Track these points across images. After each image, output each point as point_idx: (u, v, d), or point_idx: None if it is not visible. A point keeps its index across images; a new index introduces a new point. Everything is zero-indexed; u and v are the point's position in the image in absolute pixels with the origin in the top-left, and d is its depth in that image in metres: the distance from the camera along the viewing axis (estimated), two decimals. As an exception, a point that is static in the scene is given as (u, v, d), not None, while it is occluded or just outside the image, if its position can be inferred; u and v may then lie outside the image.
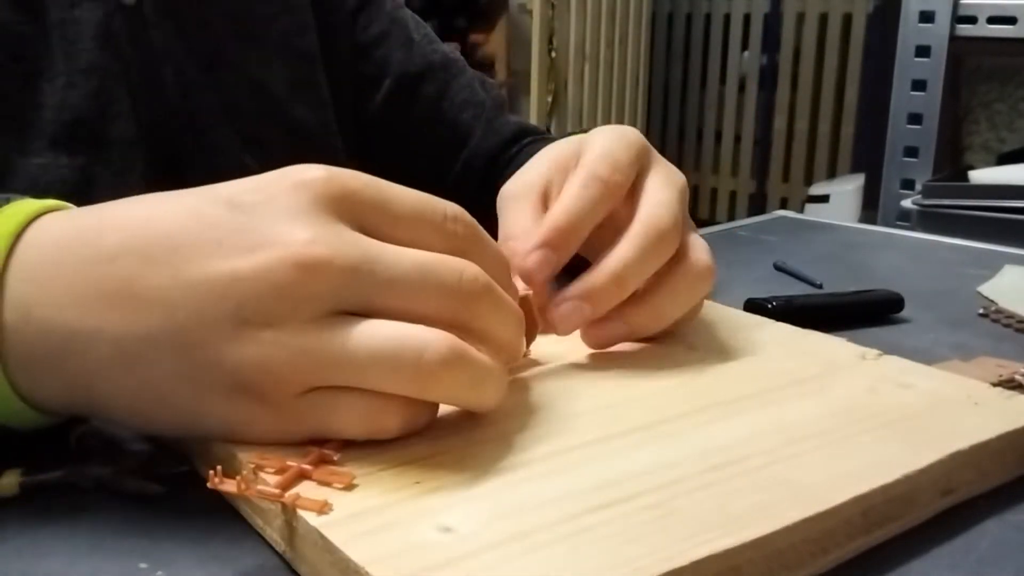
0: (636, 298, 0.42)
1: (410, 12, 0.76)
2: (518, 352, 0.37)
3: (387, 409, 0.32)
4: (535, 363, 0.42)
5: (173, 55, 0.59)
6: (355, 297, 0.31)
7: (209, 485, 0.31)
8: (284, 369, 0.31)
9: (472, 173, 0.72)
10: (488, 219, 0.41)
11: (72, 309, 0.32)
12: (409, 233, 0.33)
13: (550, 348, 0.43)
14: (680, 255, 0.42)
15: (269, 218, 0.31)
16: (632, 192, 0.43)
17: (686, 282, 0.43)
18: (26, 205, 0.34)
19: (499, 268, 0.36)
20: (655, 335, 0.44)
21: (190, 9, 0.60)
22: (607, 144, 0.43)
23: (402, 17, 0.74)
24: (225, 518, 0.33)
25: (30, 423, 0.34)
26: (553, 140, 0.73)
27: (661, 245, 0.41)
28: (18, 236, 0.33)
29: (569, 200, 0.41)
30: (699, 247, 0.43)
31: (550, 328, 0.41)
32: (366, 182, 0.33)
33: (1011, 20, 1.30)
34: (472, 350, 0.32)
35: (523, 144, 0.72)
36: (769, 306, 0.54)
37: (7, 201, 0.35)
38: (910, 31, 1.36)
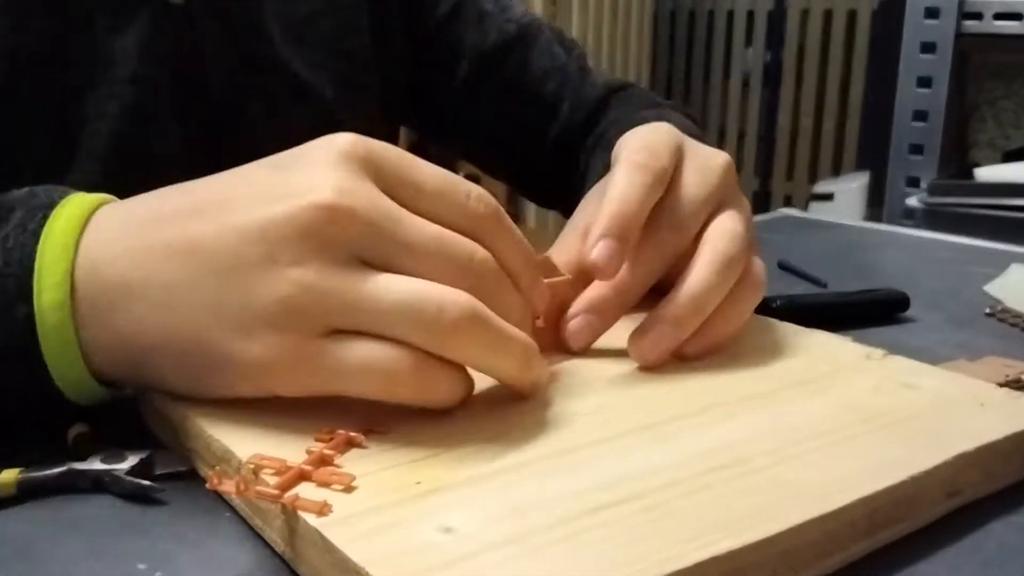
0: None
1: None
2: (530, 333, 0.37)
3: (402, 366, 0.33)
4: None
5: (220, 57, 0.58)
6: (376, 250, 0.33)
7: (208, 486, 0.31)
8: (309, 306, 0.33)
9: (564, 151, 0.71)
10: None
11: (127, 262, 0.35)
12: (431, 206, 0.35)
13: (550, 350, 0.43)
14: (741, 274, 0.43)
15: (302, 171, 0.34)
16: (702, 229, 0.43)
17: (740, 296, 0.43)
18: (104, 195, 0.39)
19: (517, 253, 0.37)
20: (704, 355, 0.43)
21: (238, 8, 0.59)
22: (640, 137, 0.44)
23: None
24: (224, 519, 0.33)
25: (87, 393, 0.37)
26: (637, 94, 0.72)
27: (731, 268, 0.42)
28: (95, 210, 0.37)
29: (618, 190, 0.41)
30: (756, 267, 0.44)
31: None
32: (396, 152, 0.35)
33: (1017, 16, 1.29)
34: (494, 316, 0.34)
35: (609, 120, 0.70)
36: (773, 305, 0.53)
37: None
38: (916, 27, 1.35)
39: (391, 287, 0.33)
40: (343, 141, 0.35)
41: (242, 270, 0.33)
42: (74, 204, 0.37)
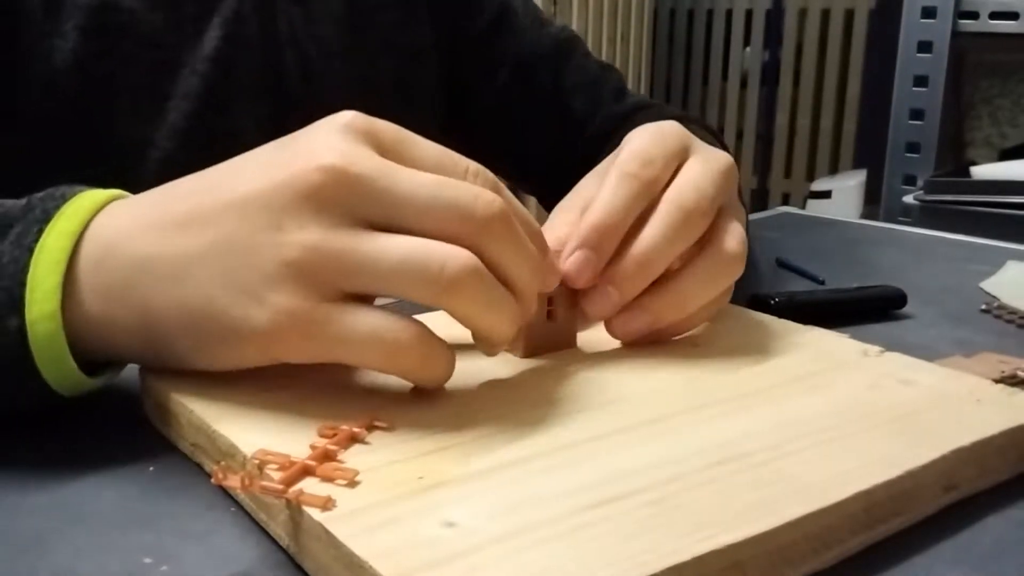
0: (658, 284, 0.42)
1: None
2: (531, 299, 0.37)
3: (406, 335, 0.34)
4: (537, 362, 0.42)
5: (297, 41, 0.60)
6: (376, 208, 0.34)
7: (213, 481, 0.31)
8: (315, 269, 0.33)
9: (589, 165, 0.72)
10: None
11: (142, 240, 0.36)
12: (428, 169, 0.35)
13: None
14: (709, 239, 0.42)
15: (304, 142, 0.35)
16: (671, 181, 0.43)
17: (709, 267, 0.42)
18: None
19: (522, 223, 0.37)
20: (681, 329, 0.43)
21: None
22: (640, 142, 0.43)
23: (511, 2, 0.73)
24: (229, 513, 0.33)
25: (81, 389, 0.37)
26: (661, 108, 0.73)
27: (686, 226, 0.41)
28: (102, 207, 0.38)
29: (602, 200, 0.41)
30: (732, 233, 0.42)
31: (582, 315, 0.41)
32: (396, 128, 0.36)
33: (1013, 16, 1.30)
34: (490, 275, 0.34)
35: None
36: (771, 302, 0.54)
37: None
38: (912, 27, 1.36)
39: (394, 246, 0.33)
40: (345, 115, 0.36)
41: (248, 238, 0.34)
42: (72, 211, 0.37)
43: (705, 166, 0.43)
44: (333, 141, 0.34)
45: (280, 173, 0.34)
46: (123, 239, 0.36)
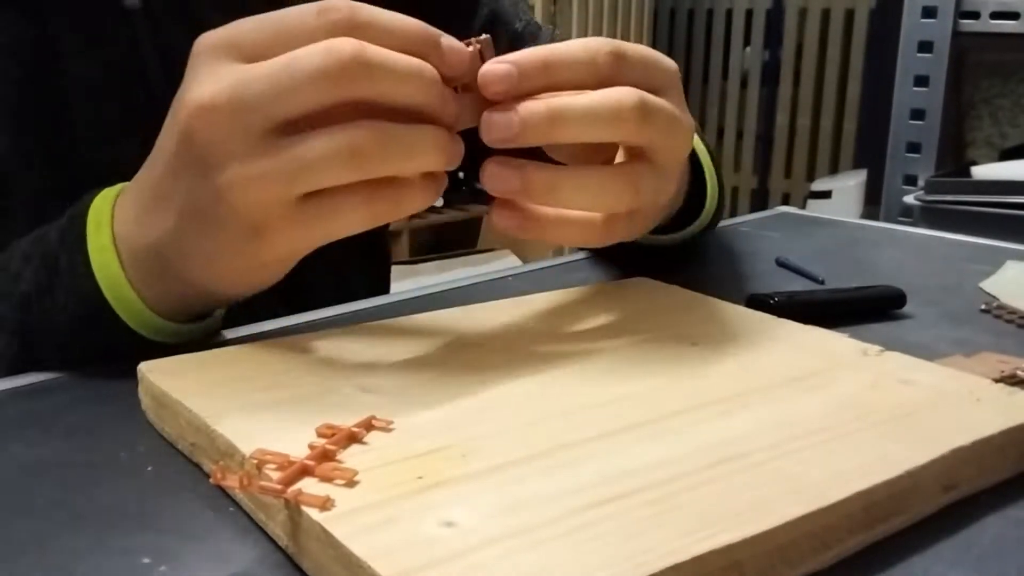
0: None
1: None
2: (435, 92, 0.38)
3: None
4: (536, 361, 0.42)
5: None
6: (263, 112, 0.36)
7: (212, 481, 0.31)
8: (261, 191, 0.37)
9: None
10: None
11: (146, 234, 0.42)
12: (285, 46, 0.37)
13: (551, 345, 0.43)
14: (633, 155, 0.42)
15: (182, 90, 0.39)
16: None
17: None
18: None
19: (394, 27, 0.38)
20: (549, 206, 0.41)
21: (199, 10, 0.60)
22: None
23: (501, 15, 0.73)
24: (228, 513, 0.33)
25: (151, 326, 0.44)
26: None
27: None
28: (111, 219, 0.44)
29: (555, 45, 0.40)
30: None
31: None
32: (248, 22, 0.39)
33: (1014, 15, 1.30)
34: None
35: None
36: (771, 302, 0.54)
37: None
38: (913, 26, 1.36)
39: (308, 143, 0.36)
40: (199, 42, 0.39)
41: (191, 205, 0.39)
42: (95, 244, 0.43)
43: (673, 112, 0.41)
44: (195, 85, 0.38)
45: (174, 128, 0.38)
46: (134, 237, 0.42)
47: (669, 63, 0.44)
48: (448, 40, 0.39)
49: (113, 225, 0.43)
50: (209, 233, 0.40)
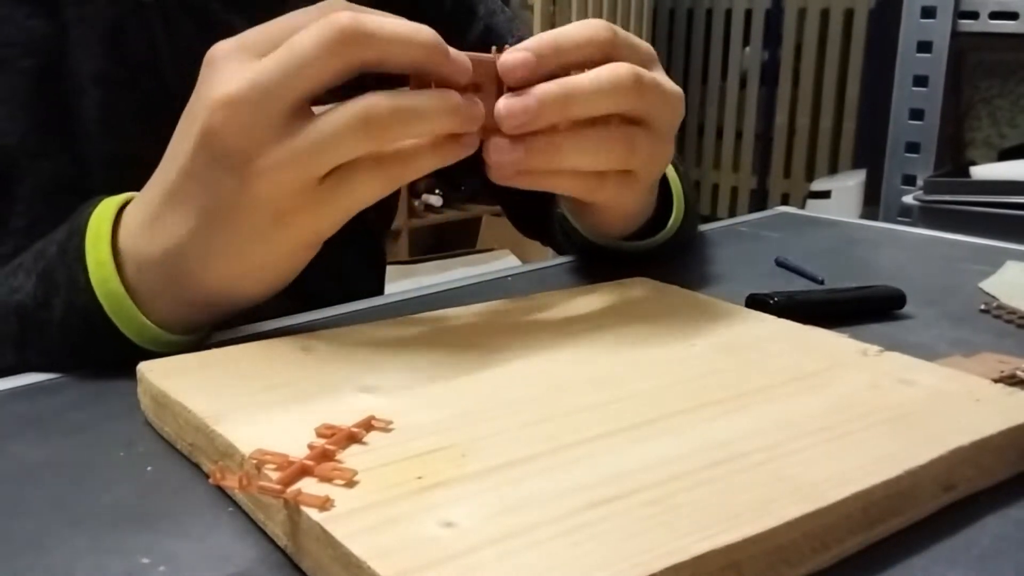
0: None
1: None
2: (438, 55, 0.40)
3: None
4: (535, 361, 0.42)
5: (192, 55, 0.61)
6: (279, 95, 0.38)
7: (211, 481, 0.31)
8: (286, 174, 0.38)
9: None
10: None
11: (152, 237, 0.43)
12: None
13: (550, 345, 0.43)
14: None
15: (197, 91, 0.41)
16: None
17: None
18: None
19: (393, 31, 0.39)
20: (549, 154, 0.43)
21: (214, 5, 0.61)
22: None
23: (495, 26, 0.75)
24: (227, 513, 0.33)
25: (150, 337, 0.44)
26: None
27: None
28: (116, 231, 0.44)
29: (564, 27, 0.44)
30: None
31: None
32: (255, 30, 0.40)
33: (1013, 16, 1.30)
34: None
35: None
36: (771, 302, 0.54)
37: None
38: (912, 27, 1.36)
39: (321, 124, 0.38)
40: (213, 50, 0.40)
41: (215, 202, 0.40)
42: (93, 258, 0.43)
43: (664, 82, 0.46)
44: (213, 84, 0.39)
45: (193, 128, 0.39)
46: (142, 245, 0.43)
47: (647, 43, 0.48)
48: (453, 51, 0.41)
49: (117, 237, 0.43)
50: (234, 228, 0.40)
